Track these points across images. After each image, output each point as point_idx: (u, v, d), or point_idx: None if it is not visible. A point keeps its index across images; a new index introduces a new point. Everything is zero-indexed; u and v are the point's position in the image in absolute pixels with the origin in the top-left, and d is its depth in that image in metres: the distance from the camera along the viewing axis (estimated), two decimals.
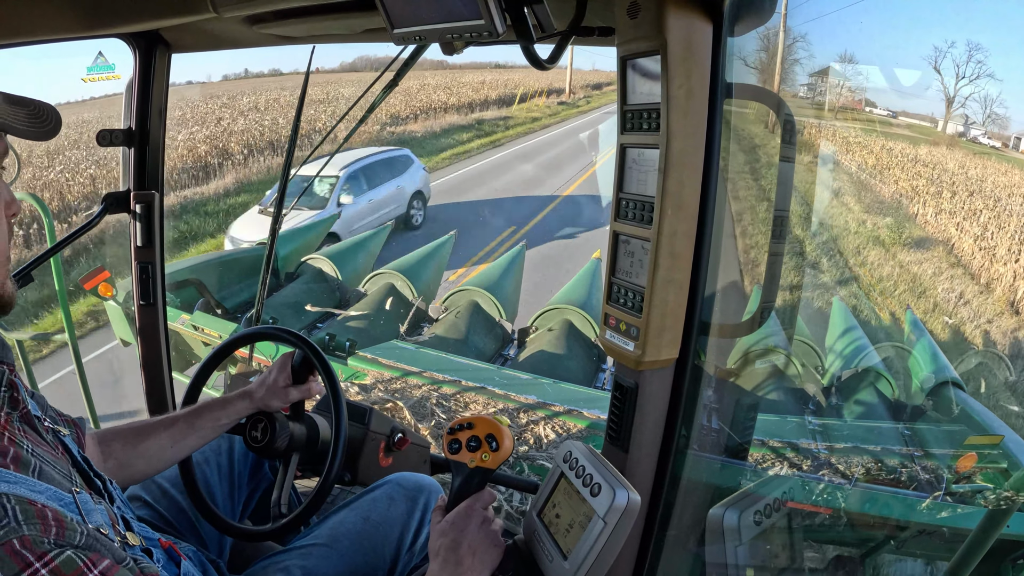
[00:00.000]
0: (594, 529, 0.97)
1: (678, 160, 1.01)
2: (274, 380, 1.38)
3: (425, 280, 5.72)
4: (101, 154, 13.09)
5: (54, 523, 0.69)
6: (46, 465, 0.80)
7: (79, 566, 0.67)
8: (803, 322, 5.16)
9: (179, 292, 4.85)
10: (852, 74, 14.63)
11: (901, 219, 11.42)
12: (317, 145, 3.06)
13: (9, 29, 1.40)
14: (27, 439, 0.82)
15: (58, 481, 0.79)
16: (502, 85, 29.44)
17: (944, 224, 11.01)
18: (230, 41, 1.76)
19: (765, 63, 15.61)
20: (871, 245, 10.66)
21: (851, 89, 14.80)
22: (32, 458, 0.78)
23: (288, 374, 1.39)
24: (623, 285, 1.12)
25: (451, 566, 1.00)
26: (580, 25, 1.01)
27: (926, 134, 14.56)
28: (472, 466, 1.09)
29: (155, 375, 2.15)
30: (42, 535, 0.67)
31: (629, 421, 1.16)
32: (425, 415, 3.66)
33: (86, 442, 1.18)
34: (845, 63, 13.98)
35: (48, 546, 0.67)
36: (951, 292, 9.37)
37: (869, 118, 15.26)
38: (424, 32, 0.96)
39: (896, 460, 3.42)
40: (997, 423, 3.64)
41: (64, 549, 0.67)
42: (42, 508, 0.70)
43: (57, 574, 0.65)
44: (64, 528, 0.70)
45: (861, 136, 14.95)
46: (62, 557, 0.66)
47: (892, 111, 16.09)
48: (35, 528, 0.67)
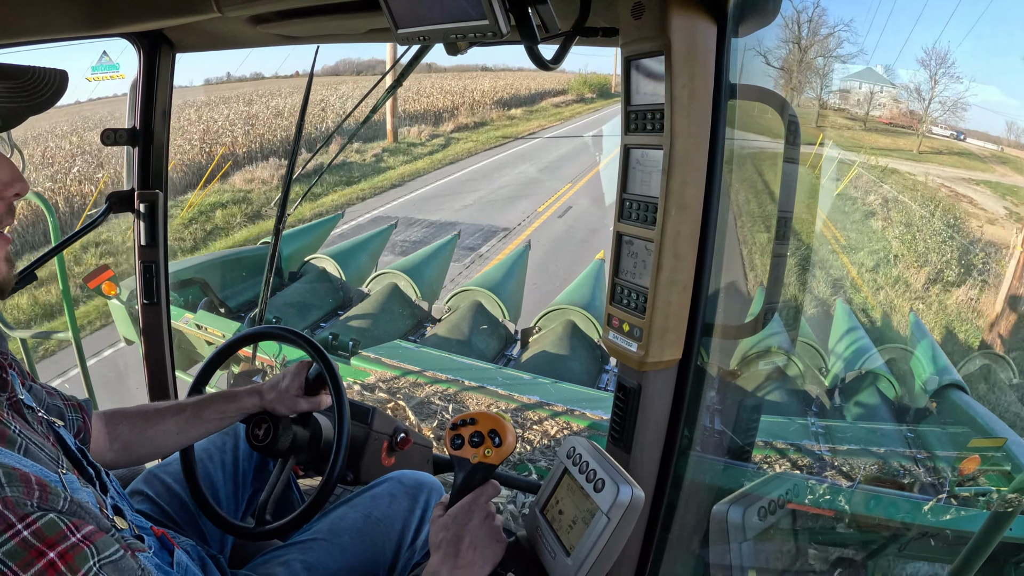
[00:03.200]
0: (597, 525, 0.97)
1: (681, 160, 1.01)
2: (287, 387, 1.39)
3: (428, 280, 5.72)
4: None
5: (37, 487, 0.69)
6: (33, 447, 0.79)
7: (62, 529, 0.66)
8: (807, 324, 5.15)
9: (183, 291, 4.86)
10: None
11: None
12: (319, 147, 3.06)
13: (14, 29, 1.41)
14: (15, 422, 0.81)
15: (44, 462, 0.79)
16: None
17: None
18: (234, 41, 1.76)
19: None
20: None
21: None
22: (19, 438, 0.78)
23: (301, 384, 1.40)
24: (626, 286, 1.12)
25: (452, 560, 1.00)
26: (584, 26, 1.01)
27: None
28: (475, 462, 1.08)
29: (158, 374, 2.16)
30: (25, 497, 0.67)
31: (632, 422, 1.16)
32: (428, 415, 3.66)
33: (93, 422, 1.19)
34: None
35: (31, 508, 0.66)
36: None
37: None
38: (428, 32, 0.96)
39: (899, 462, 3.41)
40: (1000, 425, 3.63)
41: (47, 512, 0.67)
42: (25, 473, 0.69)
43: (39, 536, 0.64)
44: (48, 493, 0.69)
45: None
46: (44, 520, 0.66)
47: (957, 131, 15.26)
48: (18, 490, 0.67)
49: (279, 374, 1.42)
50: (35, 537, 0.64)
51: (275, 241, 2.89)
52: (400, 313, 5.29)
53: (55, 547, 0.64)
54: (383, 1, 0.97)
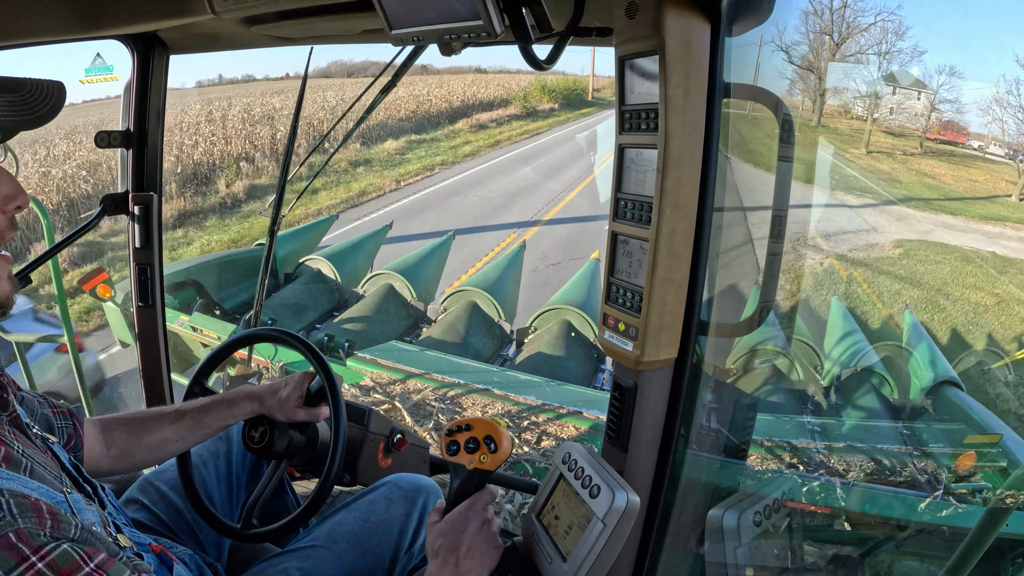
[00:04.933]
0: (593, 531, 0.97)
1: (676, 160, 1.01)
2: (287, 396, 1.38)
3: (424, 281, 5.72)
4: None
5: (49, 516, 0.68)
6: (37, 466, 0.79)
7: (75, 559, 0.66)
8: (802, 322, 5.16)
9: (178, 293, 4.85)
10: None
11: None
12: (315, 147, 3.06)
13: (7, 31, 1.40)
14: (17, 441, 0.81)
15: (49, 481, 0.78)
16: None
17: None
18: (228, 42, 1.76)
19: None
20: None
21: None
22: (23, 458, 0.78)
23: (302, 394, 1.39)
24: (622, 285, 1.12)
25: (449, 567, 1.00)
26: (578, 25, 1.01)
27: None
28: (470, 468, 1.08)
29: (154, 376, 2.15)
30: (38, 528, 0.66)
31: (628, 421, 1.16)
32: (424, 416, 3.65)
33: (86, 430, 1.18)
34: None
35: (44, 539, 0.66)
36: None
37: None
38: (422, 33, 0.95)
39: (896, 460, 3.42)
40: (996, 422, 3.65)
41: (60, 542, 0.66)
42: (36, 502, 0.69)
43: (54, 567, 0.64)
44: (59, 521, 0.69)
45: None
46: (59, 550, 0.65)
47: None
48: (30, 521, 0.66)
49: (280, 380, 1.42)
50: (49, 569, 0.64)
51: (270, 242, 2.89)
52: (396, 314, 5.28)
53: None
54: (377, 2, 0.97)
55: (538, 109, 26.76)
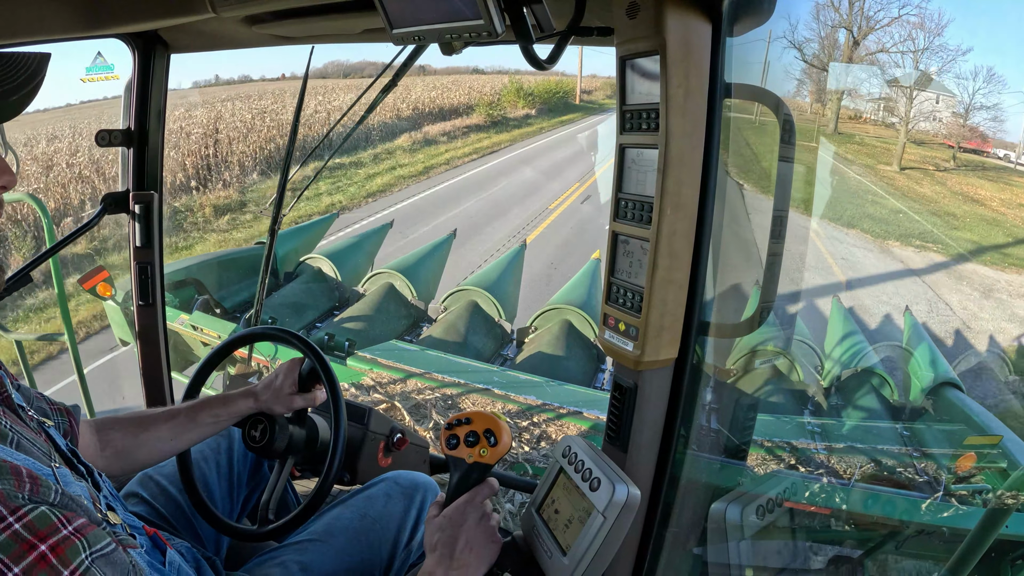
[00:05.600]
0: (593, 524, 0.97)
1: (677, 160, 1.01)
2: (280, 385, 1.38)
3: (424, 280, 5.72)
4: None
5: (28, 480, 0.68)
6: (25, 441, 0.79)
7: (53, 521, 0.66)
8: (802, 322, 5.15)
9: (178, 292, 4.85)
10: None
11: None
12: (315, 146, 3.06)
13: (7, 30, 1.40)
14: (6, 418, 0.80)
15: (37, 456, 0.78)
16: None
17: None
18: (229, 41, 1.76)
19: None
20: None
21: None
22: (10, 432, 0.77)
23: (294, 381, 1.40)
24: (622, 285, 1.12)
25: (448, 561, 0.99)
26: (579, 25, 1.01)
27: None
28: (470, 461, 1.08)
29: (154, 375, 2.15)
30: (16, 490, 0.66)
31: (628, 421, 1.15)
32: (424, 415, 3.65)
33: (81, 430, 1.17)
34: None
35: (22, 500, 0.65)
36: None
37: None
38: (423, 32, 0.95)
39: (895, 460, 3.42)
40: (996, 423, 3.65)
41: (38, 505, 0.66)
42: (16, 466, 0.69)
43: (31, 528, 0.64)
44: (39, 485, 0.69)
45: None
46: (36, 512, 0.65)
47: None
48: (8, 483, 0.66)
49: (272, 373, 1.42)
50: (26, 530, 0.63)
51: (270, 241, 2.89)
52: (396, 313, 5.28)
53: (46, 540, 0.64)
54: (378, 1, 0.97)
55: (508, 117, 22.82)
